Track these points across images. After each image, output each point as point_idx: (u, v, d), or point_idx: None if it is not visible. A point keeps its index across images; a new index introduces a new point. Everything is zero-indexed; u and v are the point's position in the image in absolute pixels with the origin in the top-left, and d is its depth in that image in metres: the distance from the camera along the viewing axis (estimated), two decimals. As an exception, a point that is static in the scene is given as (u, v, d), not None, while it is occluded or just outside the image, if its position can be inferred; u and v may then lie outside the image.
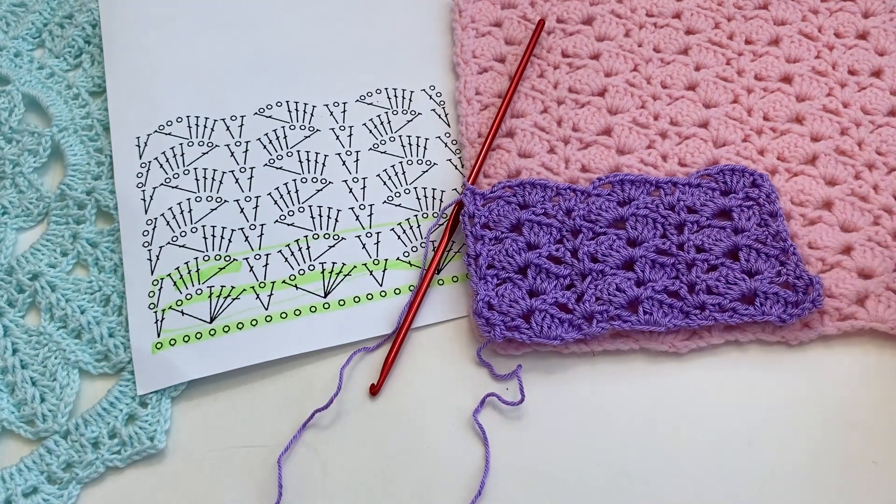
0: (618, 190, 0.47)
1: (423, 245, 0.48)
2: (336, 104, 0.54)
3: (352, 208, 0.49)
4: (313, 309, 0.46)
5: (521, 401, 0.42)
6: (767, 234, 0.45)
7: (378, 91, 0.55)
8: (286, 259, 0.47)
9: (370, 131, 0.53)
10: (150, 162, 0.51)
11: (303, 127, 0.53)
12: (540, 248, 0.45)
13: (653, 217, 0.46)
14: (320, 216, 0.49)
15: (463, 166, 0.51)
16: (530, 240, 0.46)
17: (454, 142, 0.52)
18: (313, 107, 0.54)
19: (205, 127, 0.53)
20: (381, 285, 0.47)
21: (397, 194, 0.50)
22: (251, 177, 0.51)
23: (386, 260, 0.48)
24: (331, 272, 0.47)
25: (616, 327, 0.43)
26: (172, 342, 0.45)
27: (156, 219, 0.49)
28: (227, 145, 0.52)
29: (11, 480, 0.41)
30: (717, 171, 0.48)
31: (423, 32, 0.57)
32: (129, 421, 0.43)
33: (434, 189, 0.50)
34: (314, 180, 0.51)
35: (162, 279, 0.47)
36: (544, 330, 0.43)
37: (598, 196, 0.47)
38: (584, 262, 0.44)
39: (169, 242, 0.48)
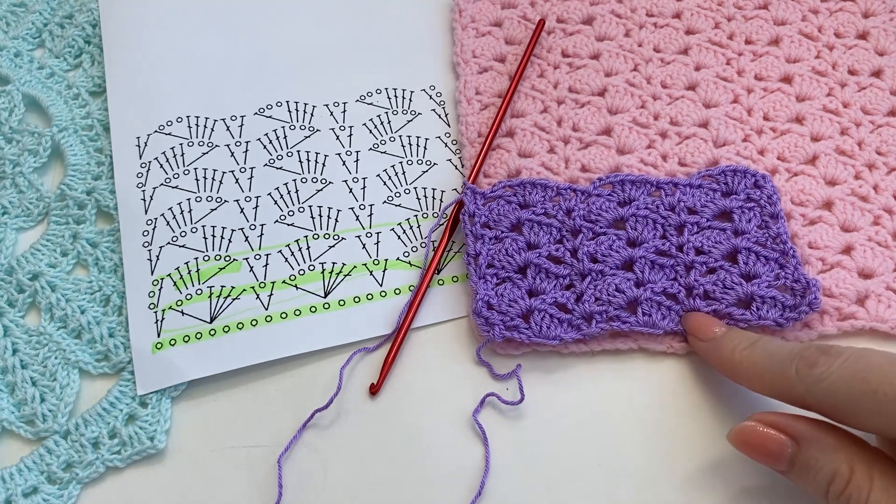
0: (618, 190, 0.47)
1: (423, 245, 0.48)
2: (336, 104, 0.54)
3: (352, 208, 0.49)
4: (313, 309, 0.46)
5: (521, 400, 0.42)
6: (768, 237, 0.45)
7: (378, 91, 0.55)
8: (286, 259, 0.47)
9: (370, 131, 0.53)
10: (150, 162, 0.51)
11: (303, 127, 0.53)
12: (540, 247, 0.45)
13: (653, 218, 0.46)
14: (320, 216, 0.49)
15: (463, 166, 0.51)
16: (530, 239, 0.46)
17: (454, 142, 0.52)
18: (313, 107, 0.54)
19: (205, 127, 0.53)
20: (381, 285, 0.47)
21: (397, 194, 0.50)
22: (251, 177, 0.51)
23: (386, 260, 0.48)
24: (331, 272, 0.47)
25: (615, 328, 0.43)
26: (172, 342, 0.45)
27: (156, 219, 0.49)
28: (227, 145, 0.52)
29: (11, 480, 0.41)
30: (719, 171, 0.48)
31: (423, 32, 0.57)
32: (130, 421, 0.43)
33: (434, 189, 0.50)
34: (314, 180, 0.50)
35: (162, 279, 0.47)
36: (543, 330, 0.43)
37: (598, 196, 0.47)
38: (584, 263, 0.44)
39: (169, 242, 0.48)
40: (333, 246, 0.48)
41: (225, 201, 0.50)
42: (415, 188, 0.50)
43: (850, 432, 0.35)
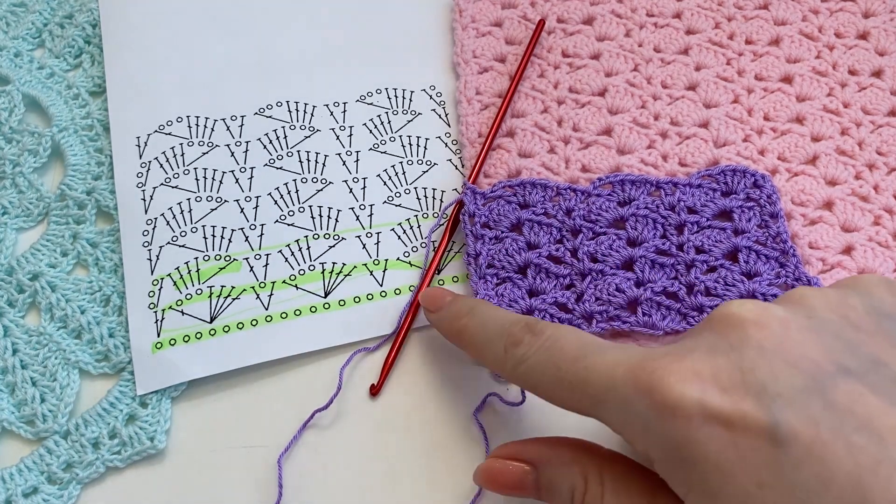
0: (618, 190, 0.47)
1: (423, 245, 0.48)
2: (336, 104, 0.54)
3: (352, 208, 0.49)
4: (313, 309, 0.46)
5: (522, 402, 0.42)
6: (768, 236, 0.45)
7: (378, 91, 0.55)
8: (286, 259, 0.47)
9: (370, 131, 0.53)
10: (150, 162, 0.51)
11: (303, 127, 0.53)
12: (540, 247, 0.45)
13: (653, 217, 0.46)
14: (320, 216, 0.49)
15: (463, 166, 0.51)
16: (530, 239, 0.46)
17: (454, 142, 0.52)
18: (313, 107, 0.54)
19: (205, 127, 0.53)
20: (381, 285, 0.47)
21: (397, 194, 0.50)
22: (251, 177, 0.51)
23: (386, 260, 0.47)
24: (331, 272, 0.47)
25: (615, 328, 0.43)
26: (172, 342, 0.45)
27: (156, 219, 0.49)
28: (227, 145, 0.52)
29: (11, 481, 0.41)
30: (719, 171, 0.48)
31: (423, 32, 0.57)
32: (130, 421, 0.43)
33: (434, 189, 0.50)
34: (314, 180, 0.50)
35: (162, 279, 0.47)
36: (544, 330, 0.43)
37: (598, 196, 0.47)
38: (584, 262, 0.44)
39: (169, 242, 0.48)
40: (333, 246, 0.48)
41: (225, 201, 0.50)
42: (415, 188, 0.50)
43: (585, 440, 0.34)
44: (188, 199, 0.49)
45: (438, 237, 0.48)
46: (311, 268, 0.47)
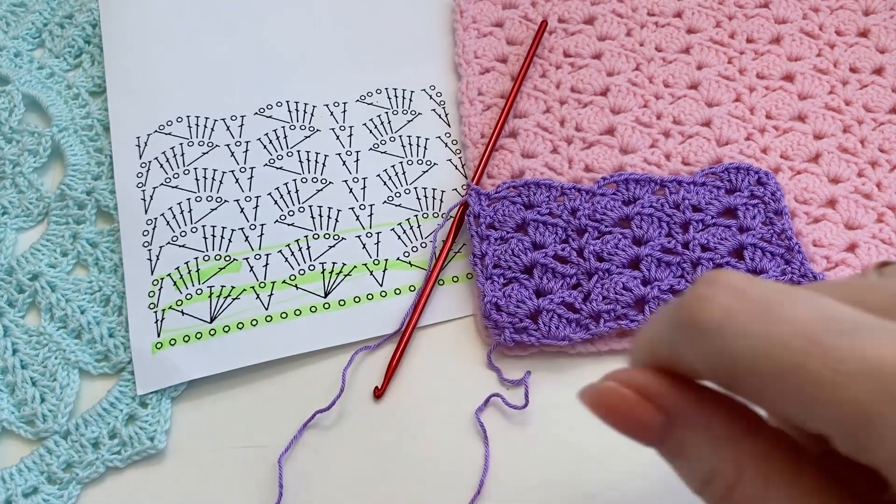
0: (623, 189, 0.47)
1: (423, 245, 0.48)
2: (336, 104, 0.54)
3: (352, 208, 0.49)
4: (313, 309, 0.46)
5: (525, 405, 0.42)
6: (773, 233, 0.45)
7: (378, 91, 0.54)
8: (286, 259, 0.47)
9: (370, 131, 0.53)
10: (150, 162, 0.51)
11: (303, 127, 0.53)
12: (546, 247, 0.45)
13: (658, 216, 0.46)
14: (320, 216, 0.49)
15: (464, 166, 0.51)
16: (536, 239, 0.46)
17: (454, 142, 0.52)
18: (313, 107, 0.54)
19: (205, 127, 0.52)
20: (381, 285, 0.46)
21: (397, 194, 0.50)
22: (251, 177, 0.50)
23: (386, 260, 0.47)
24: (331, 272, 0.47)
25: (623, 326, 0.43)
26: (172, 342, 0.44)
27: (156, 219, 0.49)
28: (227, 145, 0.52)
29: (11, 481, 0.41)
30: (723, 169, 0.48)
31: (424, 32, 0.57)
32: (130, 421, 0.43)
33: (434, 189, 0.50)
34: (314, 180, 0.50)
35: (162, 279, 0.46)
36: (552, 330, 0.43)
37: (603, 195, 0.47)
38: (591, 262, 0.44)
39: (169, 242, 0.48)
40: (333, 246, 0.48)
41: (225, 201, 0.49)
42: (415, 188, 0.50)
43: (751, 409, 0.24)
44: (188, 199, 0.49)
45: (441, 238, 0.48)
46: (311, 268, 0.47)
